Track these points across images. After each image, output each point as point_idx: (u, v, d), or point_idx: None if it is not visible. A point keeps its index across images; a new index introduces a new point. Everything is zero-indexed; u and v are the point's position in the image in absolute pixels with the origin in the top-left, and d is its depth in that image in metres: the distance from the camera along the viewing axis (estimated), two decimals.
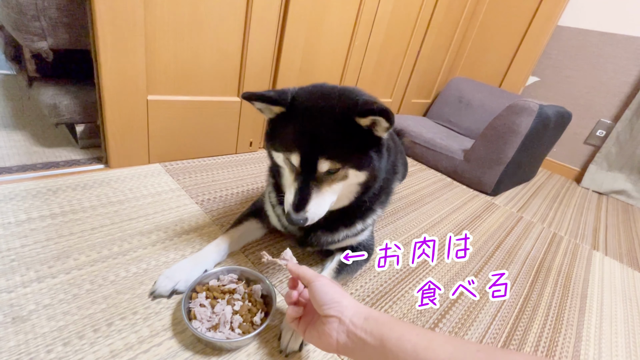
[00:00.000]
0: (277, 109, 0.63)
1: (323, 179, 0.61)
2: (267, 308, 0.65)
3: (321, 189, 0.61)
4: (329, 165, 0.59)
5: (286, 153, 0.61)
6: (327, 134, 0.59)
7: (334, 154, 0.58)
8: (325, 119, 0.59)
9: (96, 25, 0.84)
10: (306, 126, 0.60)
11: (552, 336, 0.80)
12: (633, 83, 1.97)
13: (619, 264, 1.24)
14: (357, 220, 0.76)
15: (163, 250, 0.76)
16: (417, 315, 0.76)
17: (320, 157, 0.58)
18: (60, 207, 0.81)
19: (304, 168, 0.60)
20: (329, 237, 0.76)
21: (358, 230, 0.77)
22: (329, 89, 0.65)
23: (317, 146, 0.58)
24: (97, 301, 0.61)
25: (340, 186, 0.63)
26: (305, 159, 0.59)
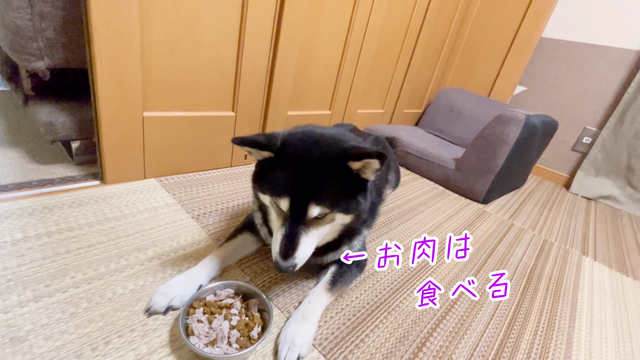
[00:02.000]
0: (266, 154, 0.64)
1: (311, 223, 0.62)
2: (263, 322, 0.66)
3: (308, 233, 0.62)
4: (319, 210, 0.60)
5: (275, 197, 0.63)
6: (318, 179, 0.61)
7: (324, 199, 0.60)
8: (316, 165, 0.61)
9: (93, 45, 0.86)
10: (297, 172, 0.61)
11: (544, 343, 0.82)
12: (615, 92, 2.04)
13: (608, 269, 1.27)
14: (344, 245, 0.78)
15: (160, 266, 0.77)
16: (411, 325, 0.77)
17: (311, 202, 0.60)
18: (56, 225, 0.82)
19: (292, 213, 0.61)
20: (318, 259, 0.79)
21: (345, 250, 0.79)
22: (318, 134, 0.66)
23: (308, 192, 0.60)
24: (95, 319, 0.61)
25: (326, 228, 0.66)
26: (294, 204, 0.60)
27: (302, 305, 0.71)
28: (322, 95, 1.62)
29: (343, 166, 0.61)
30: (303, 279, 0.83)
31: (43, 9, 0.85)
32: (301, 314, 0.68)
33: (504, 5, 2.25)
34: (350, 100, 1.77)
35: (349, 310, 0.77)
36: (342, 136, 0.68)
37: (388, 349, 0.70)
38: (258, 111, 1.35)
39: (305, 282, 0.83)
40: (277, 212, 0.64)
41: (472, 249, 1.15)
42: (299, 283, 0.82)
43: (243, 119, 1.31)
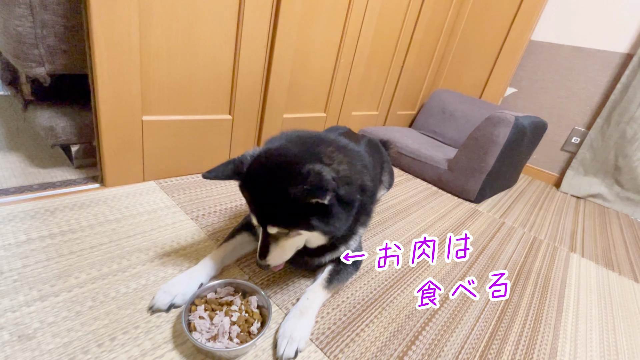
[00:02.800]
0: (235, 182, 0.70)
1: (279, 236, 0.68)
2: (263, 318, 0.68)
3: (278, 243, 0.69)
4: (276, 230, 0.66)
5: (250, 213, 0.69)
6: (272, 204, 0.64)
7: (280, 221, 0.65)
8: (271, 190, 0.63)
9: (94, 51, 0.88)
10: (256, 196, 0.67)
11: (531, 335, 0.86)
12: (602, 93, 2.10)
13: (595, 264, 1.31)
14: (340, 245, 0.81)
15: (161, 266, 0.79)
16: (404, 320, 0.80)
17: (268, 224, 0.66)
18: (58, 227, 0.84)
19: (261, 227, 0.68)
20: (316, 260, 0.82)
21: (342, 251, 0.82)
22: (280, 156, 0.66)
23: (265, 214, 0.66)
24: (100, 317, 0.63)
25: (300, 239, 0.71)
26: (259, 222, 0.67)
27: (300, 301, 0.73)
28: (317, 98, 1.66)
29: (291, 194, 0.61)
30: (300, 277, 0.86)
31: (44, 17, 0.87)
32: (299, 309, 0.71)
33: (494, 10, 2.31)
34: (344, 102, 1.81)
35: (344, 306, 0.80)
36: (302, 158, 0.65)
37: (382, 342, 0.73)
38: (255, 114, 1.38)
39: (303, 280, 0.86)
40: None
41: (471, 248, 1.18)
42: (297, 281, 0.85)
43: (240, 121, 1.33)
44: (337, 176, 0.64)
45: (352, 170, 0.70)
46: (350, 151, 0.76)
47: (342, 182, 0.65)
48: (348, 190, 0.66)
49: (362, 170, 0.77)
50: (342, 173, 0.66)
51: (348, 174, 0.68)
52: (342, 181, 0.65)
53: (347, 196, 0.65)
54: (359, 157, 0.79)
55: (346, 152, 0.73)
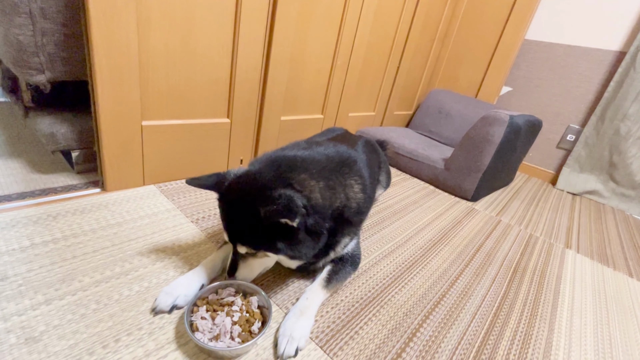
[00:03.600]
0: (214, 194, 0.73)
1: (247, 255, 0.72)
2: (263, 318, 0.70)
3: (247, 260, 0.73)
4: (245, 250, 0.69)
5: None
6: (242, 223, 0.67)
7: (247, 242, 0.68)
8: (239, 210, 0.67)
9: (93, 58, 0.90)
10: (228, 213, 0.70)
11: (526, 330, 0.87)
12: (596, 91, 2.13)
13: (590, 260, 1.33)
14: (330, 251, 0.83)
15: (163, 268, 0.81)
16: (402, 317, 0.82)
17: (237, 242, 0.69)
18: (61, 232, 0.85)
19: (232, 244, 0.71)
20: (310, 266, 0.85)
21: (332, 257, 0.85)
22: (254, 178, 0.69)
23: (235, 233, 0.69)
24: (104, 319, 0.65)
25: (269, 260, 0.74)
26: (230, 239, 0.70)
27: (300, 301, 0.75)
28: (314, 100, 1.67)
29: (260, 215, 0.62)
30: (300, 278, 0.88)
31: (44, 25, 0.88)
32: (299, 309, 0.72)
33: (488, 10, 2.33)
34: (341, 104, 1.82)
35: (343, 305, 0.82)
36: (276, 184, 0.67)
37: (381, 339, 0.74)
38: (252, 117, 1.40)
39: (302, 280, 0.87)
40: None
41: (457, 250, 1.20)
42: (296, 281, 0.86)
43: (238, 124, 1.35)
44: (307, 204, 0.66)
45: (327, 196, 0.72)
46: (331, 172, 0.76)
47: (312, 210, 0.67)
48: (316, 220, 0.68)
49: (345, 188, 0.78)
50: (313, 202, 0.68)
51: (320, 202, 0.69)
52: (312, 209, 0.67)
53: (314, 226, 0.68)
54: (342, 174, 0.79)
55: (324, 176, 0.73)
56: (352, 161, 0.86)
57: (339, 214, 0.76)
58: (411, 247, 1.15)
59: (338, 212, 0.75)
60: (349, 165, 0.84)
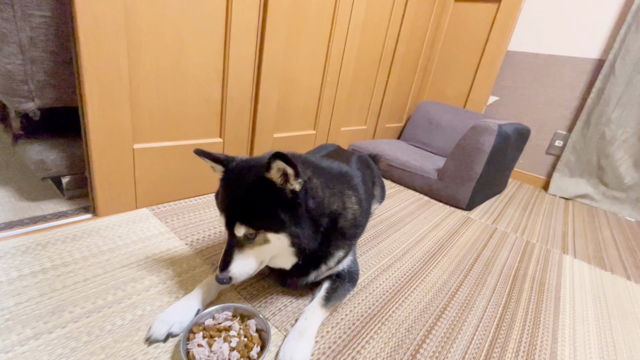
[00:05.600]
0: (219, 168, 0.71)
1: (244, 243, 0.67)
2: (262, 342, 0.68)
3: (243, 251, 0.67)
4: (244, 229, 0.64)
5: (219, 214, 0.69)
6: (242, 199, 0.65)
7: (248, 219, 0.64)
8: (242, 185, 0.66)
9: (84, 84, 0.90)
10: (228, 191, 0.67)
11: (530, 340, 0.86)
12: (579, 97, 2.19)
13: (587, 265, 1.34)
14: (321, 264, 0.81)
15: (157, 294, 0.78)
16: (404, 333, 0.80)
17: (236, 222, 0.65)
18: (51, 261, 0.83)
19: (229, 230, 0.67)
20: (303, 279, 0.82)
21: (324, 271, 0.83)
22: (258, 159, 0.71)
23: (235, 211, 0.65)
24: (96, 352, 0.62)
25: (265, 249, 0.68)
26: (228, 222, 0.66)
27: (299, 322, 0.73)
28: (306, 117, 1.69)
29: (264, 183, 0.63)
30: (298, 297, 0.86)
31: (34, 54, 0.88)
32: (298, 330, 0.70)
33: (470, 23, 2.41)
34: (333, 119, 1.84)
35: (344, 324, 0.80)
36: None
37: (383, 358, 0.72)
38: (245, 135, 1.40)
39: (301, 299, 0.85)
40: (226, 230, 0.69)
41: (456, 260, 1.19)
42: (294, 301, 0.85)
43: (231, 144, 1.35)
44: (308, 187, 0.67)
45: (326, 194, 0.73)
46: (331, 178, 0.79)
47: (312, 196, 0.68)
48: (317, 204, 0.69)
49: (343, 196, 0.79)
50: (313, 190, 0.69)
51: (319, 194, 0.71)
52: (312, 195, 0.68)
53: (315, 211, 0.69)
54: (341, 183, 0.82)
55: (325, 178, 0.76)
56: (350, 176, 0.88)
57: (334, 222, 0.75)
58: (409, 259, 1.14)
59: (334, 217, 0.75)
60: (347, 178, 0.86)
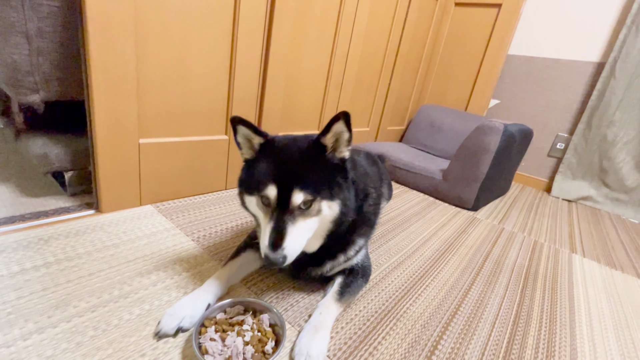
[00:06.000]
0: (257, 140, 0.68)
1: (297, 214, 0.63)
2: (276, 337, 0.65)
3: (296, 224, 0.62)
4: (303, 196, 0.61)
5: (261, 188, 0.63)
6: (299, 166, 0.64)
7: (307, 185, 0.62)
8: (297, 154, 0.66)
9: (91, 76, 0.88)
10: (280, 162, 0.65)
11: (549, 337, 0.84)
12: (580, 100, 2.21)
13: (597, 264, 1.32)
14: (339, 253, 0.79)
15: (164, 289, 0.76)
16: (420, 330, 0.78)
17: (294, 187, 0.61)
18: (54, 256, 0.80)
19: (279, 202, 0.62)
20: (318, 270, 0.80)
21: (341, 261, 0.80)
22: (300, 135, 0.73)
23: (291, 178, 0.62)
24: (103, 347, 0.59)
25: (315, 222, 0.66)
26: (280, 191, 0.62)
27: (313, 316, 0.71)
28: (310, 117, 1.68)
29: (319, 152, 0.66)
30: (310, 293, 0.83)
31: (41, 44, 0.87)
32: (313, 325, 0.68)
33: (471, 28, 2.44)
34: None
35: (358, 320, 0.77)
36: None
37: (401, 354, 0.70)
38: None
39: (313, 295, 0.83)
40: (264, 208, 0.65)
41: (466, 259, 1.17)
42: (306, 297, 0.82)
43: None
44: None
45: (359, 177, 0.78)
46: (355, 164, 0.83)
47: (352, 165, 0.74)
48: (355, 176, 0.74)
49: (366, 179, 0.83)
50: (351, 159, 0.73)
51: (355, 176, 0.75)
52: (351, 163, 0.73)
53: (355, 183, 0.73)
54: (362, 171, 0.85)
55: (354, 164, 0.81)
56: (364, 166, 0.92)
57: (360, 205, 0.76)
58: (419, 258, 1.12)
59: (363, 196, 0.77)
60: (363, 167, 0.90)
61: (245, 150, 0.71)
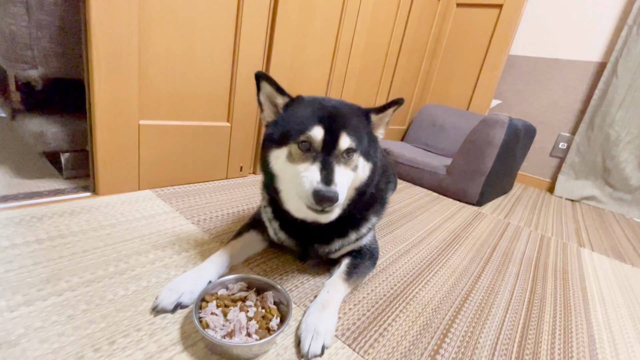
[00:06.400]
0: (281, 100, 0.66)
1: (341, 160, 0.62)
2: (281, 314, 0.61)
3: (341, 167, 0.61)
4: (349, 142, 0.62)
5: (304, 131, 0.61)
6: (346, 116, 0.65)
7: (353, 134, 0.63)
8: (344, 108, 0.67)
9: (92, 52, 0.86)
10: (323, 107, 0.64)
11: (564, 324, 0.80)
12: (582, 100, 2.21)
13: (607, 258, 1.29)
14: (351, 231, 0.76)
15: (163, 268, 0.72)
16: (432, 313, 0.74)
17: (342, 131, 0.61)
18: (47, 233, 0.76)
19: (324, 144, 0.60)
20: (325, 248, 0.76)
21: (352, 239, 0.77)
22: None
23: (339, 122, 0.62)
24: (96, 320, 0.55)
25: (350, 175, 0.64)
26: (327, 133, 0.61)
27: (320, 295, 0.67)
28: None
29: (365, 120, 0.69)
30: (315, 275, 0.80)
31: (41, 17, 0.85)
32: (320, 303, 0.64)
33: (473, 28, 2.45)
34: None
35: (366, 302, 0.74)
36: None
37: (413, 336, 0.66)
38: (253, 122, 1.36)
39: (318, 278, 0.79)
40: (301, 155, 0.61)
41: (473, 249, 1.14)
42: (311, 279, 0.78)
43: (238, 129, 1.31)
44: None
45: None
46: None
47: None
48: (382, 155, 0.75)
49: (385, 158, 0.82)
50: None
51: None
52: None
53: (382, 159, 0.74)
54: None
55: None
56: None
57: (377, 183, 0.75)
58: (426, 246, 1.08)
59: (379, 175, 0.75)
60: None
61: (267, 113, 0.70)
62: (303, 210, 0.63)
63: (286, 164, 0.63)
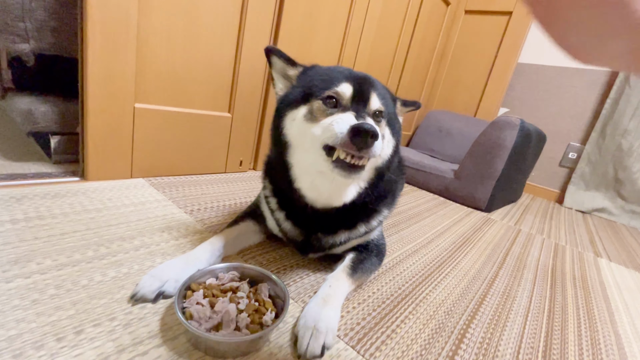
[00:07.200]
0: (294, 72, 0.63)
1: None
2: (276, 309, 0.54)
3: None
4: (379, 104, 0.59)
5: (330, 87, 0.57)
6: (376, 82, 0.62)
7: (382, 99, 0.60)
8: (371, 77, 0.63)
9: (86, 24, 0.81)
10: (352, 71, 0.61)
11: (591, 335, 0.72)
12: (593, 109, 2.16)
13: (626, 268, 1.21)
14: (360, 223, 0.69)
15: (148, 255, 0.65)
16: (444, 316, 0.67)
17: (373, 91, 0.59)
18: (24, 214, 0.69)
19: (353, 102, 0.57)
20: (330, 239, 0.68)
21: (361, 232, 0.70)
22: None
23: (369, 83, 0.59)
24: (64, 307, 0.48)
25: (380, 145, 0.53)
26: (356, 92, 0.57)
27: (322, 289, 0.60)
28: None
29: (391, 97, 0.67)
30: (316, 271, 0.73)
31: None
32: (322, 297, 0.57)
33: (481, 36, 2.42)
34: None
35: (371, 301, 0.66)
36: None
37: (425, 339, 0.58)
38: (255, 115, 1.31)
39: (319, 273, 0.72)
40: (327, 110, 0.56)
41: (485, 253, 1.07)
42: (312, 275, 0.71)
43: (240, 121, 1.25)
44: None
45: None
46: None
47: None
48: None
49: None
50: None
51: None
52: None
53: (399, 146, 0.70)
54: None
55: None
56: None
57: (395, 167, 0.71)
58: (435, 248, 1.01)
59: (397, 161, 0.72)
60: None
61: (280, 87, 0.66)
62: (318, 183, 0.59)
63: (304, 124, 0.57)
